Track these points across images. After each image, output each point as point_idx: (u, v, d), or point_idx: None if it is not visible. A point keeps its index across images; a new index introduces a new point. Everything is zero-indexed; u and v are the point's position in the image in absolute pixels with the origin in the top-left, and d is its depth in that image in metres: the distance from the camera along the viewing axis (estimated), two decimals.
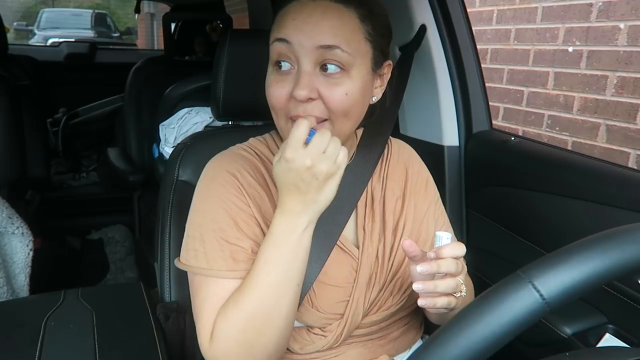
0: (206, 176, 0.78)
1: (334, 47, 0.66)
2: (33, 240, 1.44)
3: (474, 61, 1.25)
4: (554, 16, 2.06)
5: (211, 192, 0.75)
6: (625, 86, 1.77)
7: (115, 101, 2.98)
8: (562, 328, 0.90)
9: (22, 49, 3.24)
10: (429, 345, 0.40)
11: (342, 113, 0.70)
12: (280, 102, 0.70)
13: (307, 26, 0.67)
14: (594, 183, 0.94)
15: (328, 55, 0.67)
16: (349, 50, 0.67)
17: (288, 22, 0.68)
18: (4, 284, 1.34)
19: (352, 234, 0.82)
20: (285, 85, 0.69)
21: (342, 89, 0.68)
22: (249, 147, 0.82)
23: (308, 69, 0.67)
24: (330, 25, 0.67)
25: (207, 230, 0.73)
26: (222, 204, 0.73)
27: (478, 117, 1.25)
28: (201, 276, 0.72)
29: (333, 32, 0.67)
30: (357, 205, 0.81)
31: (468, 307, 0.41)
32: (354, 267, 0.78)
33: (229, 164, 0.77)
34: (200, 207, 0.75)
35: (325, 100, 0.68)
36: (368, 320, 0.79)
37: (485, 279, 1.06)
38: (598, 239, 0.42)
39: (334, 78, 0.68)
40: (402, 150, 0.90)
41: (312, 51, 0.67)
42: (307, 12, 0.67)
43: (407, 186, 0.86)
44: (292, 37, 0.67)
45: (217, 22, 2.56)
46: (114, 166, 2.17)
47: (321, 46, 0.66)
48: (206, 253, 0.72)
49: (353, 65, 0.68)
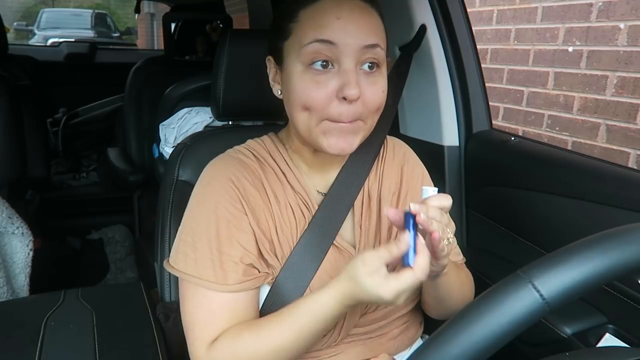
0: (202, 180, 0.77)
1: (376, 45, 0.68)
2: (33, 240, 1.44)
3: (474, 61, 1.25)
4: (554, 16, 2.06)
5: (206, 198, 0.75)
6: (625, 86, 1.77)
7: (115, 101, 2.98)
8: (562, 328, 0.90)
9: (22, 49, 3.24)
10: (429, 345, 0.40)
11: (376, 109, 0.71)
12: (320, 103, 0.68)
13: (352, 25, 0.67)
14: (594, 183, 0.94)
15: (370, 54, 0.68)
16: (384, 47, 0.70)
17: (331, 21, 0.66)
18: (4, 284, 1.34)
19: (349, 233, 0.82)
20: (328, 84, 0.67)
21: (379, 86, 0.70)
22: (247, 149, 0.81)
23: (352, 67, 0.67)
24: (371, 24, 0.68)
25: (199, 237, 0.72)
26: (216, 210, 0.73)
27: (478, 117, 1.25)
28: (190, 284, 0.72)
29: (374, 30, 0.69)
30: (354, 204, 0.81)
31: (468, 307, 0.41)
32: None
33: (225, 169, 0.76)
34: (194, 212, 0.75)
35: (365, 98, 0.68)
36: (366, 319, 0.79)
37: (485, 279, 1.06)
38: (598, 239, 0.42)
39: (373, 76, 0.69)
40: (398, 148, 0.90)
41: (357, 51, 0.67)
42: (348, 11, 0.67)
43: (403, 183, 0.86)
44: (338, 37, 0.66)
45: (217, 22, 2.56)
46: (114, 166, 2.17)
47: (366, 46, 0.67)
48: (196, 260, 0.71)
49: (383, 61, 0.71)
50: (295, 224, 0.77)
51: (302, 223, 0.78)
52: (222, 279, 0.70)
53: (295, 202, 0.78)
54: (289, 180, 0.79)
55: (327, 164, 0.81)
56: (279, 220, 0.76)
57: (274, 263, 0.74)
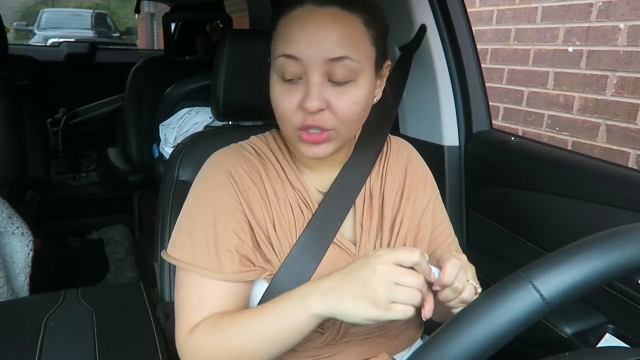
0: (203, 172, 0.79)
1: (344, 57, 0.66)
2: (33, 240, 1.44)
3: (474, 61, 1.25)
4: (554, 16, 2.05)
5: (205, 189, 0.76)
6: (625, 86, 1.77)
7: (115, 101, 2.98)
8: (562, 328, 0.90)
9: (22, 49, 3.24)
10: (429, 345, 0.40)
11: (349, 121, 0.70)
12: (289, 113, 0.69)
13: (316, 37, 0.66)
14: (594, 183, 0.94)
15: (337, 66, 0.66)
16: (357, 58, 0.67)
17: (296, 34, 0.67)
18: (4, 284, 1.34)
19: (349, 231, 0.82)
20: (294, 95, 0.68)
21: (350, 98, 0.68)
22: (250, 144, 0.83)
23: (317, 80, 0.67)
24: (339, 35, 0.66)
25: (196, 225, 0.74)
26: (214, 200, 0.74)
27: (478, 117, 1.26)
28: (185, 271, 0.73)
29: (342, 42, 0.66)
30: (355, 202, 0.82)
31: (468, 307, 0.41)
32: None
33: (226, 162, 0.78)
34: (193, 202, 0.77)
35: (334, 110, 0.68)
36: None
37: (485, 279, 1.06)
38: (598, 239, 0.42)
39: (342, 87, 0.68)
40: (402, 147, 0.90)
41: (322, 64, 0.66)
42: (315, 22, 0.66)
43: (406, 182, 0.86)
44: (303, 51, 0.66)
45: (217, 22, 2.56)
46: (114, 166, 2.17)
47: (331, 59, 0.66)
48: (192, 248, 0.73)
49: (361, 72, 0.69)
50: (294, 221, 0.77)
51: (302, 221, 0.78)
52: (216, 266, 0.71)
53: (294, 200, 0.78)
54: (288, 177, 0.79)
55: (325, 164, 0.81)
56: (278, 216, 0.76)
57: (272, 259, 0.75)
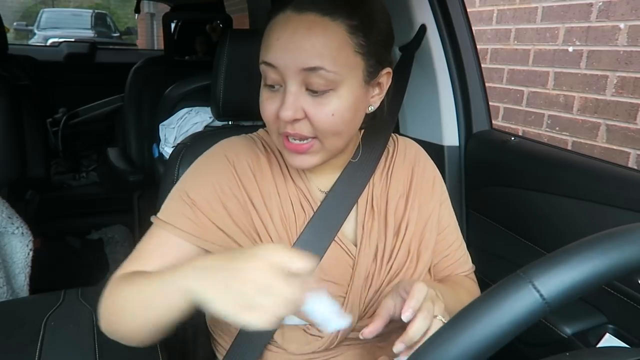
0: (206, 154, 0.81)
1: (318, 68, 0.64)
2: (33, 240, 1.44)
3: (474, 61, 1.25)
4: (554, 16, 2.06)
5: (205, 166, 0.79)
6: (625, 86, 1.77)
7: (115, 101, 2.98)
8: (562, 328, 0.90)
9: (22, 49, 3.24)
10: (429, 346, 0.40)
11: (330, 132, 0.69)
12: (270, 119, 0.70)
13: (291, 45, 0.65)
14: (594, 183, 0.94)
15: (313, 76, 0.64)
16: (334, 69, 0.64)
17: (272, 42, 0.66)
18: (4, 284, 1.34)
19: (351, 232, 0.81)
20: (274, 102, 0.68)
21: (328, 108, 0.66)
22: (258, 137, 0.84)
23: (293, 89, 0.66)
24: (314, 44, 0.64)
25: (181, 190, 0.76)
26: (210, 180, 0.76)
27: (478, 117, 1.25)
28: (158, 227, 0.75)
29: (317, 51, 0.64)
30: (358, 202, 0.81)
31: (468, 307, 0.41)
32: (350, 265, 0.78)
33: (230, 149, 0.80)
34: (189, 177, 0.79)
35: (311, 120, 0.67)
36: (364, 323, 0.76)
37: (485, 279, 1.06)
38: (598, 239, 0.42)
39: (320, 97, 0.66)
40: (409, 149, 0.88)
41: (297, 73, 0.65)
42: (291, 30, 0.65)
43: (412, 186, 0.84)
44: (278, 60, 0.66)
45: (217, 22, 2.56)
46: (114, 166, 2.17)
47: (305, 69, 0.64)
48: (174, 209, 0.75)
49: (341, 82, 0.66)
50: (295, 219, 0.77)
51: (302, 218, 0.78)
52: (171, 218, 0.74)
53: (296, 197, 0.78)
54: (291, 174, 0.79)
55: (327, 166, 0.79)
56: (279, 211, 0.76)
57: None
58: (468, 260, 0.91)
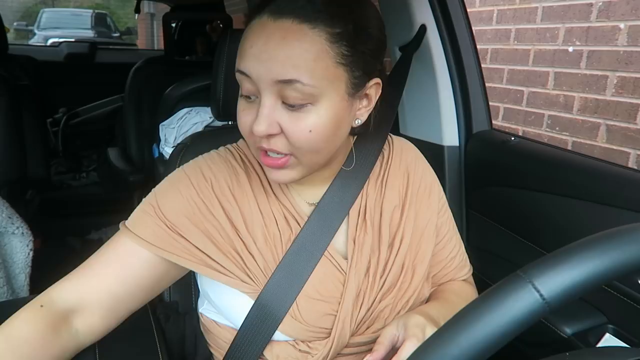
0: (184, 168, 0.75)
1: (294, 81, 0.58)
2: (33, 240, 1.44)
3: (474, 61, 1.25)
4: (554, 16, 2.05)
5: (177, 186, 0.72)
6: (625, 86, 1.77)
7: (115, 101, 2.98)
8: (562, 328, 0.90)
9: (22, 49, 3.24)
10: (428, 346, 0.40)
11: (307, 150, 0.63)
12: (246, 131, 0.65)
13: (264, 55, 0.59)
14: (594, 183, 0.94)
15: (288, 90, 0.59)
16: (311, 82, 0.59)
17: (246, 49, 0.61)
18: (4, 284, 1.34)
19: (342, 245, 0.75)
20: (250, 114, 0.63)
21: (305, 124, 0.61)
22: (237, 150, 0.78)
23: (268, 102, 0.60)
24: (289, 54, 0.58)
25: (149, 206, 0.71)
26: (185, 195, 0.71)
27: (478, 117, 1.26)
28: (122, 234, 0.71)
29: (292, 63, 0.58)
30: (350, 213, 0.75)
31: (468, 307, 0.41)
32: (340, 281, 0.72)
33: (208, 169, 0.74)
34: (162, 189, 0.73)
35: (287, 136, 0.61)
36: (356, 341, 0.72)
37: (485, 279, 1.06)
38: (598, 239, 0.42)
39: (297, 112, 0.60)
40: (406, 152, 0.83)
41: (272, 85, 0.59)
42: (265, 38, 0.59)
43: (408, 194, 0.79)
44: (251, 70, 0.60)
45: (217, 22, 2.56)
46: (114, 166, 2.17)
47: (279, 81, 0.59)
48: (135, 214, 0.72)
49: (320, 95, 0.60)
50: (280, 237, 0.72)
51: (288, 235, 0.72)
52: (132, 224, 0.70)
53: (280, 213, 0.73)
54: (273, 190, 0.74)
55: (314, 177, 0.74)
56: (262, 230, 0.71)
57: (258, 275, 0.70)
58: (467, 263, 0.89)
